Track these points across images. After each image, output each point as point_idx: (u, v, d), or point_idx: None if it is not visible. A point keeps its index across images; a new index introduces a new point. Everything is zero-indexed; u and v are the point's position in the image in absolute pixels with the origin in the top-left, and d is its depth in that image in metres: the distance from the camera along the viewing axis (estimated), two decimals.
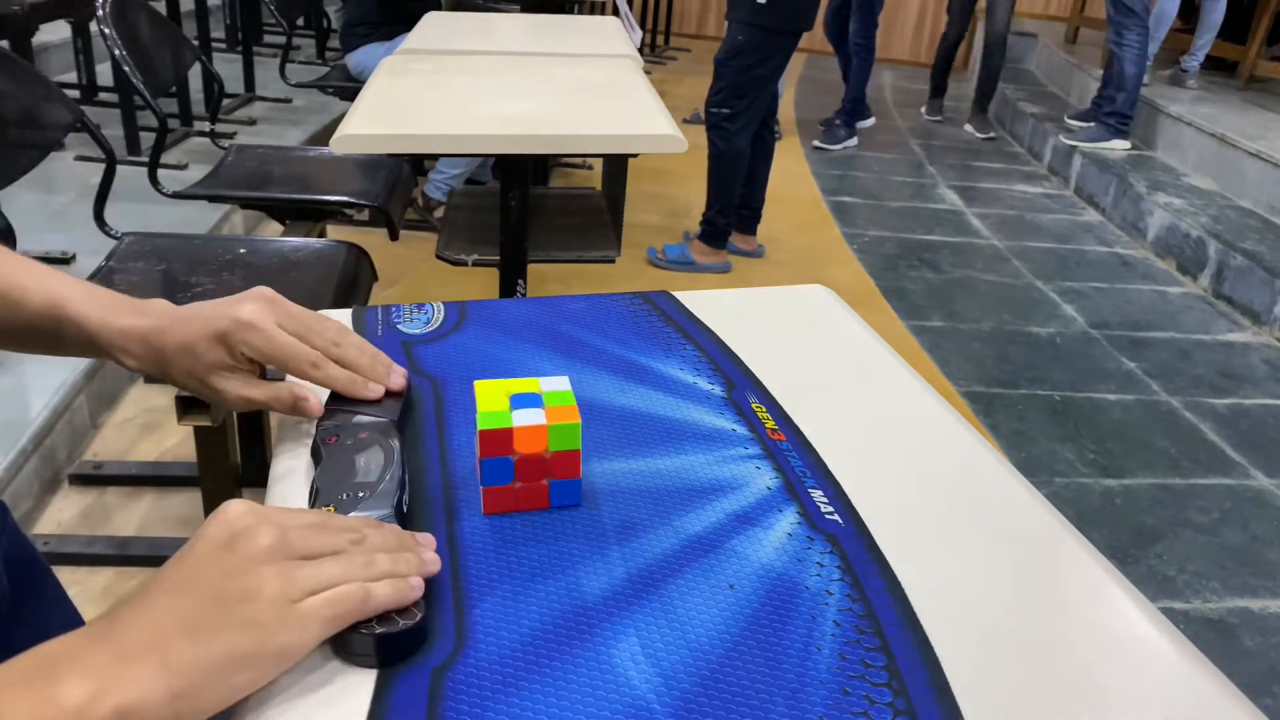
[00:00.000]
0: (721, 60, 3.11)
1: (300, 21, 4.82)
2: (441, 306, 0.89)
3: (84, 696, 0.40)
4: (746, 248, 3.45)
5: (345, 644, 0.50)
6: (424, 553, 0.53)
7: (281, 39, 3.49)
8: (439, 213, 3.27)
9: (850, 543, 0.62)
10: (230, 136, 3.78)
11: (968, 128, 5.56)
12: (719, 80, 3.12)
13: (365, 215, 2.04)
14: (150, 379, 2.30)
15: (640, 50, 4.50)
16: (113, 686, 0.41)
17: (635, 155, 2.05)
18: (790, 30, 3.06)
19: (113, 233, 1.79)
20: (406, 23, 2.79)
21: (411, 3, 3.22)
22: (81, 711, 0.40)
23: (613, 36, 2.57)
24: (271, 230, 3.04)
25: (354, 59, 3.34)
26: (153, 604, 0.45)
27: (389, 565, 0.51)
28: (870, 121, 5.32)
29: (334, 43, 4.49)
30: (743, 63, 3.06)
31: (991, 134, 5.45)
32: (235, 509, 0.49)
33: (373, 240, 2.14)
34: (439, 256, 2.08)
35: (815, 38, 7.20)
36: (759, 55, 3.04)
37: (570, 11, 4.59)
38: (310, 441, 0.67)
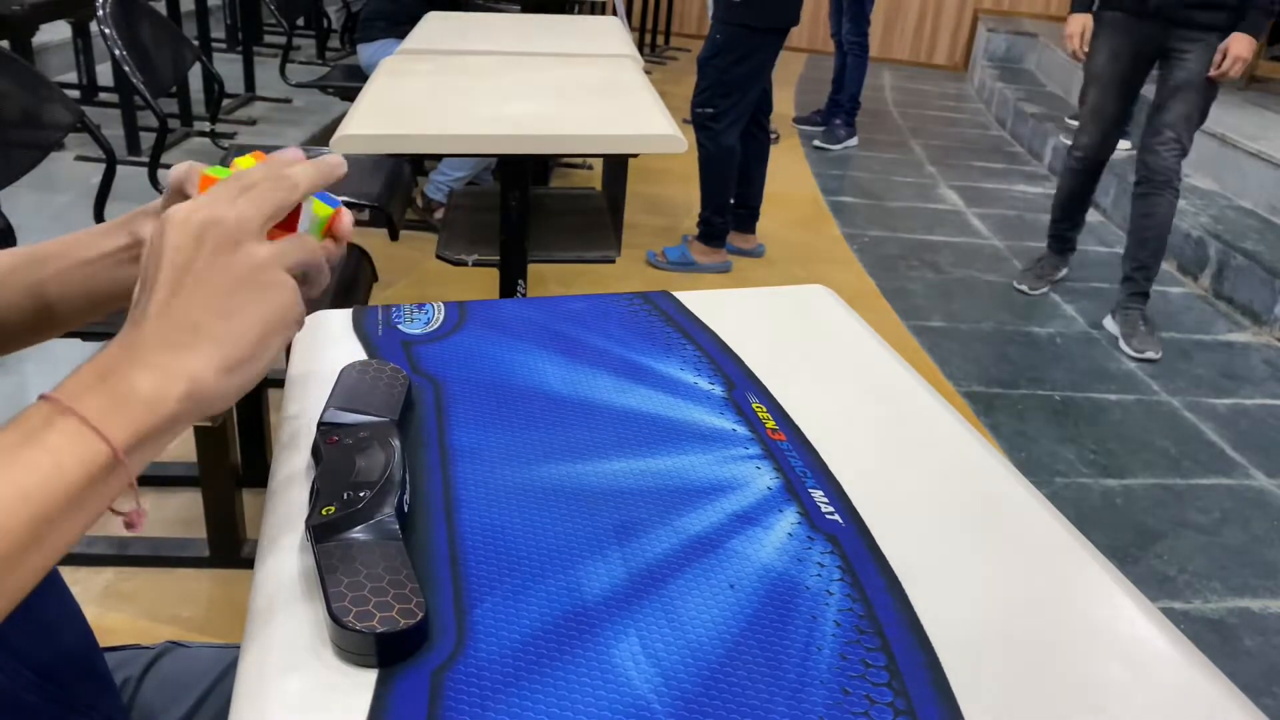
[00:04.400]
0: (703, 59, 3.11)
1: (300, 21, 4.82)
2: (442, 306, 0.89)
3: (154, 385, 0.46)
4: (746, 246, 3.45)
5: (345, 644, 0.50)
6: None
7: (281, 39, 3.49)
8: (439, 214, 3.27)
9: (850, 543, 0.62)
10: (230, 137, 3.78)
11: (1109, 324, 3.07)
12: (702, 80, 3.12)
13: (365, 215, 2.04)
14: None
15: (640, 50, 4.49)
16: (175, 371, 0.47)
17: (635, 155, 2.04)
18: (769, 27, 3.03)
19: None
20: None
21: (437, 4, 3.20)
22: (155, 398, 0.46)
23: (613, 36, 2.57)
24: None
25: (367, 51, 3.33)
26: (171, 306, 0.49)
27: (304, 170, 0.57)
28: (854, 141, 5.16)
29: (334, 43, 4.50)
30: (723, 61, 3.05)
31: (1153, 353, 2.91)
32: (181, 213, 0.51)
33: (373, 240, 2.15)
34: (439, 256, 2.08)
35: (817, 38, 7.19)
36: (739, 53, 3.03)
37: (570, 11, 4.59)
38: (310, 441, 0.67)
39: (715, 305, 0.93)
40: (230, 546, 1.71)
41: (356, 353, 0.80)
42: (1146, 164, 2.89)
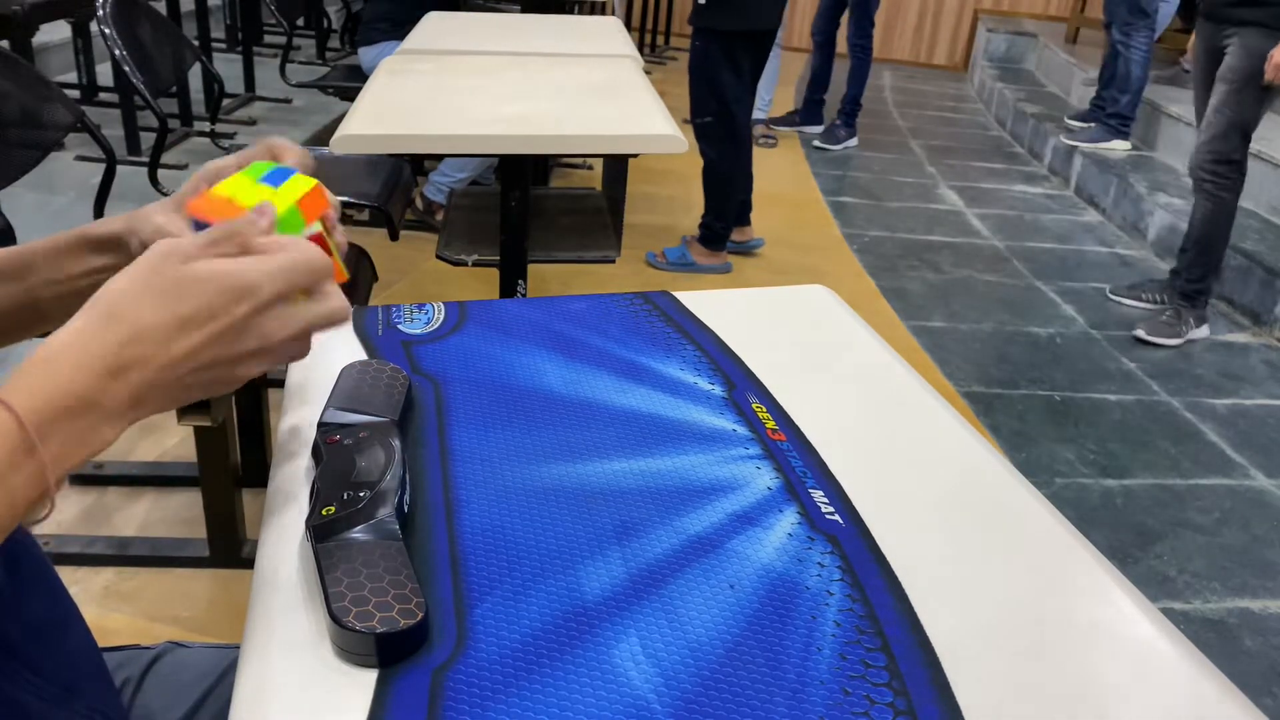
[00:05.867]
0: (690, 68, 3.11)
1: (300, 21, 4.82)
2: (442, 306, 0.89)
3: (108, 438, 0.47)
4: (743, 239, 3.45)
5: (345, 644, 0.50)
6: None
7: (281, 39, 3.49)
8: (440, 215, 3.28)
9: (850, 543, 0.62)
10: (230, 137, 3.78)
11: (1142, 334, 2.99)
12: (691, 88, 3.12)
13: (365, 215, 2.04)
14: None
15: (640, 50, 4.48)
16: (126, 424, 0.48)
17: (635, 155, 2.05)
18: (740, 30, 3.00)
19: None
20: None
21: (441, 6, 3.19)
22: (100, 447, 0.47)
23: (613, 36, 2.57)
24: None
25: (369, 54, 3.33)
26: (174, 370, 0.49)
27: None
28: (854, 141, 5.15)
29: (334, 43, 4.50)
30: (705, 68, 3.04)
31: (1163, 340, 2.95)
32: (269, 299, 0.51)
33: (373, 240, 2.15)
34: (439, 256, 2.08)
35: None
36: (716, 58, 3.01)
37: (570, 11, 4.59)
38: (310, 441, 0.67)
39: (715, 305, 0.93)
40: (230, 546, 1.71)
41: (356, 353, 0.80)
42: (1191, 167, 2.93)
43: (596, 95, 1.90)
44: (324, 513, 0.57)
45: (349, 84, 3.38)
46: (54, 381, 0.46)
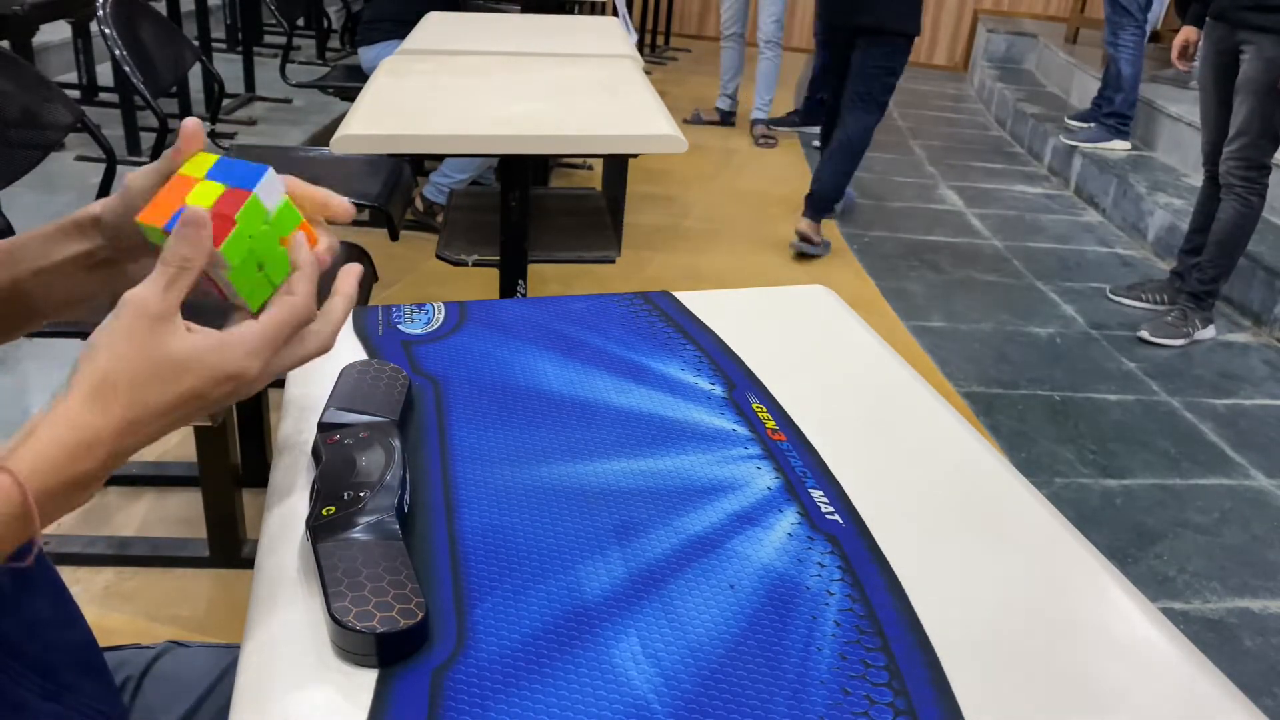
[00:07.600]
0: None
1: (300, 21, 4.82)
2: (442, 306, 0.89)
3: (96, 484, 0.50)
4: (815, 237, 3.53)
5: (345, 644, 0.50)
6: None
7: (281, 39, 3.49)
8: (440, 215, 3.27)
9: (850, 543, 0.62)
10: (231, 137, 3.78)
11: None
12: None
13: (365, 215, 2.04)
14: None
15: (640, 50, 4.48)
16: (115, 466, 0.50)
17: (635, 155, 2.05)
18: (824, 21, 3.11)
19: None
20: None
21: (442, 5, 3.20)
22: (90, 494, 0.50)
23: (613, 36, 2.57)
24: None
25: (369, 54, 3.33)
26: (153, 408, 0.51)
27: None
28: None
29: (334, 43, 4.50)
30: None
31: (1166, 340, 2.98)
32: (239, 362, 0.53)
33: (373, 240, 2.14)
34: (439, 256, 2.08)
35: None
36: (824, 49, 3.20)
37: (570, 11, 4.59)
38: (310, 441, 0.67)
39: (715, 305, 0.93)
40: (230, 546, 1.71)
41: (357, 353, 0.80)
42: (1221, 172, 2.88)
43: (596, 95, 1.90)
44: (324, 513, 0.57)
45: (349, 84, 3.38)
46: (65, 465, 0.48)
